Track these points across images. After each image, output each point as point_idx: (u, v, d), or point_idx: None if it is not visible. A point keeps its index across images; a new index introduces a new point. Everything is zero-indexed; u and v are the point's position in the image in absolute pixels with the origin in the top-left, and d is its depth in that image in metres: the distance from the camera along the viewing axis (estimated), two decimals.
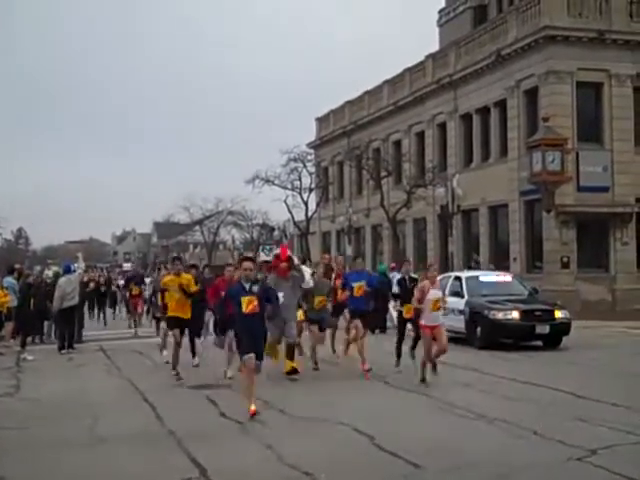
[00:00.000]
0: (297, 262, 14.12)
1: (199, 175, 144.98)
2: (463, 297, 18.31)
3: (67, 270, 19.43)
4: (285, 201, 47.85)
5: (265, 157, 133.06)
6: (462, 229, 35.90)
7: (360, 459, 7.54)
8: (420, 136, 40.78)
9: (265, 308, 9.86)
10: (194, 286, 13.29)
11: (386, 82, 44.13)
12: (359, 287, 13.41)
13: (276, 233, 65.91)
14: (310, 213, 47.68)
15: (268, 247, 68.02)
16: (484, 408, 9.91)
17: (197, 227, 67.36)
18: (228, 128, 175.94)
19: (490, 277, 20.19)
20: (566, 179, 28.93)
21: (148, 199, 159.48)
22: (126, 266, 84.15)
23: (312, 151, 51.66)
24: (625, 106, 30.60)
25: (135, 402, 11.14)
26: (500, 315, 17.09)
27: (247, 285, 9.75)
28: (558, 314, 17.51)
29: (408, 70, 41.76)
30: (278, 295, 10.62)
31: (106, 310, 30.43)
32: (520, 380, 12.27)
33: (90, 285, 30.96)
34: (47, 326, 21.18)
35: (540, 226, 30.82)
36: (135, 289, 24.19)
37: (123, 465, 7.54)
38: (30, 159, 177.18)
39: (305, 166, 47.11)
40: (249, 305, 9.58)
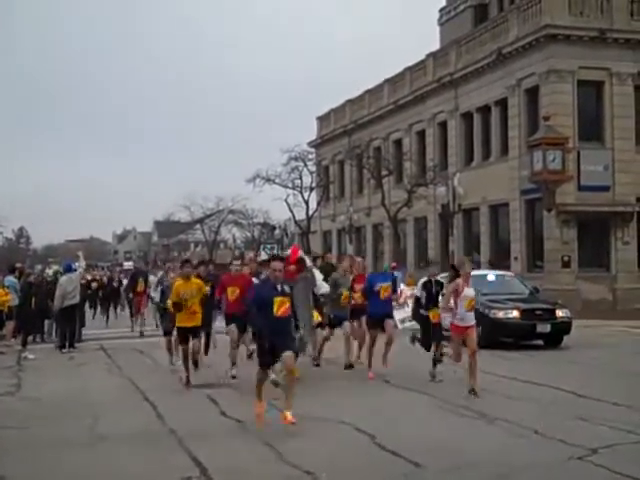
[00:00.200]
0: (310, 264, 13.54)
1: (200, 174, 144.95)
2: None
3: (68, 269, 19.44)
4: (286, 200, 47.92)
5: (266, 156, 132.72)
6: (463, 228, 35.91)
7: (361, 458, 7.54)
8: (421, 135, 40.78)
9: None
10: (204, 288, 12.51)
11: (387, 81, 44.12)
12: (385, 289, 12.81)
13: (277, 232, 65.91)
14: (311, 212, 47.67)
15: (269, 246, 68.09)
16: (485, 407, 9.91)
17: (198, 226, 67.26)
18: (229, 127, 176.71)
19: (491, 276, 20.17)
20: (567, 178, 28.95)
21: (149, 198, 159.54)
22: (127, 265, 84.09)
23: (313, 150, 51.70)
24: (626, 105, 30.62)
25: (136, 401, 11.14)
26: (501, 314, 17.08)
27: (279, 285, 9.14)
28: (559, 313, 17.50)
29: (409, 69, 41.76)
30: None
31: (109, 310, 29.70)
32: (521, 379, 12.27)
33: (92, 285, 31.00)
34: (48, 325, 21.17)
35: (541, 225, 30.83)
36: (140, 285, 23.23)
37: (124, 464, 7.55)
38: (30, 158, 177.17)
39: (306, 165, 47.15)
40: (281, 307, 8.95)
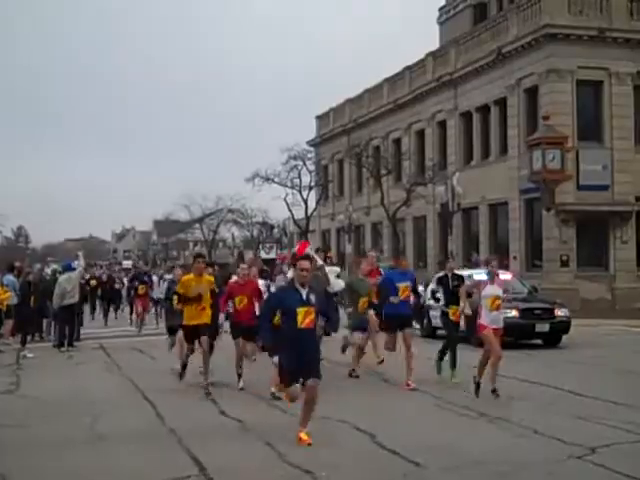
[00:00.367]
0: (320, 262, 12.57)
1: (199, 173, 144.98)
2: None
3: (67, 268, 19.45)
4: (285, 199, 47.96)
5: (265, 155, 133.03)
6: (462, 227, 35.92)
7: (361, 457, 7.54)
8: (420, 134, 40.79)
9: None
10: (214, 286, 11.71)
11: (386, 80, 44.12)
12: (404, 288, 12.04)
13: (276, 231, 65.91)
14: (310, 211, 47.67)
15: (268, 245, 67.84)
16: (484, 407, 9.92)
17: (197, 225, 67.20)
18: (228, 127, 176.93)
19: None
20: (566, 177, 28.96)
21: (148, 197, 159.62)
22: (126, 263, 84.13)
23: (312, 149, 51.71)
24: (625, 104, 30.64)
25: (135, 400, 11.14)
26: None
27: (304, 292, 7.80)
28: (558, 312, 17.49)
29: (408, 68, 41.77)
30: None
31: (109, 310, 29.03)
32: (520, 378, 12.28)
33: (92, 282, 30.86)
34: (46, 324, 21.17)
35: (540, 224, 30.84)
36: (141, 288, 23.01)
37: (123, 463, 7.55)
38: (29, 157, 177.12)
39: (305, 164, 47.18)
40: (307, 318, 7.69)
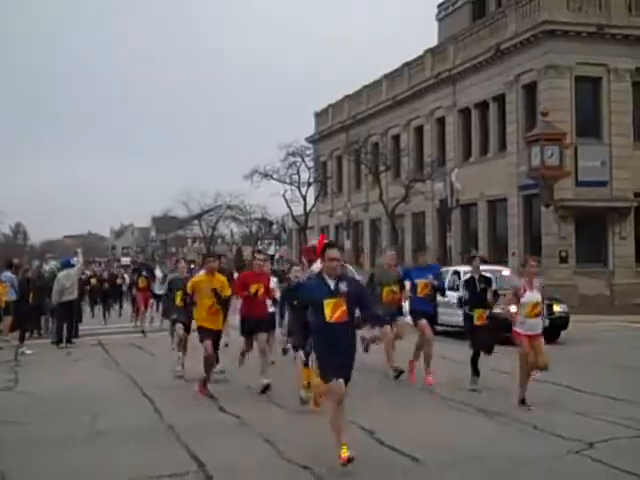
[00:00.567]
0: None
1: (198, 170, 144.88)
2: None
3: (66, 264, 19.43)
4: (284, 195, 47.97)
5: (264, 152, 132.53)
6: (461, 224, 35.92)
7: (360, 454, 7.54)
8: (419, 130, 40.77)
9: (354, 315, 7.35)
10: (228, 289, 11.27)
11: (385, 76, 44.07)
12: (424, 285, 11.96)
13: (275, 227, 65.92)
14: (309, 207, 47.66)
15: (267, 241, 67.61)
16: (483, 403, 9.92)
17: (196, 221, 67.19)
18: (227, 123, 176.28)
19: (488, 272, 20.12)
20: (565, 173, 28.96)
21: (146, 194, 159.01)
22: (124, 260, 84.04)
23: (311, 145, 51.69)
24: (624, 101, 30.63)
25: (134, 397, 11.14)
26: (498, 309, 17.06)
27: (332, 283, 7.25)
28: (556, 308, 17.49)
29: (407, 65, 41.72)
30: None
31: (110, 308, 28.35)
32: (511, 374, 12.26)
33: (92, 281, 30.78)
34: (44, 321, 21.15)
35: (539, 221, 30.85)
36: (142, 281, 21.98)
37: (122, 460, 7.54)
38: (29, 157, 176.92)
39: (304, 160, 47.18)
40: (336, 310, 7.11)
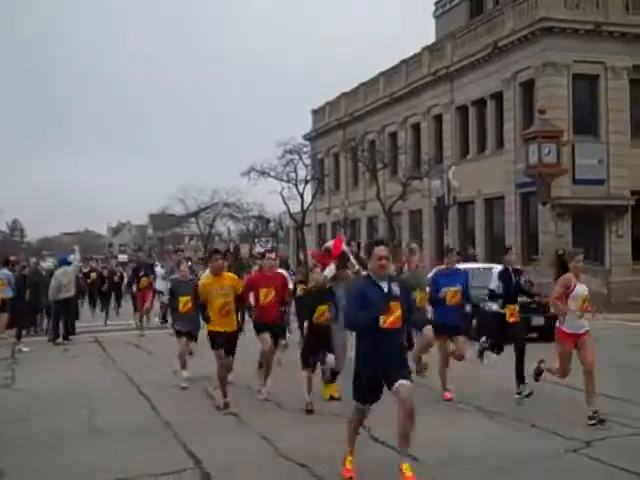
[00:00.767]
0: (353, 261, 10.94)
1: (195, 167, 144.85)
2: None
3: (63, 262, 19.40)
4: (281, 193, 47.88)
5: (261, 149, 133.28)
6: (458, 221, 35.93)
7: (358, 451, 7.53)
8: (416, 128, 40.74)
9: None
10: (240, 285, 10.30)
11: (382, 74, 44.02)
12: (454, 293, 10.48)
13: (272, 225, 65.87)
14: (306, 205, 47.63)
15: (264, 239, 67.47)
16: (482, 401, 9.92)
17: (193, 219, 67.11)
18: (224, 121, 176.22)
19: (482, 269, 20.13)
20: (562, 171, 28.97)
21: (146, 193, 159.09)
22: (122, 257, 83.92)
23: (308, 143, 51.63)
24: (621, 98, 30.63)
25: (131, 394, 11.13)
26: (495, 307, 17.06)
27: (384, 284, 6.49)
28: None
29: (404, 62, 41.68)
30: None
31: (109, 306, 26.91)
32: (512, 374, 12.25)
33: (91, 275, 30.65)
34: (39, 318, 21.11)
35: (536, 218, 30.85)
36: (144, 280, 20.84)
37: (120, 457, 7.54)
38: (29, 157, 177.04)
39: (301, 158, 47.05)
40: (390, 315, 6.41)
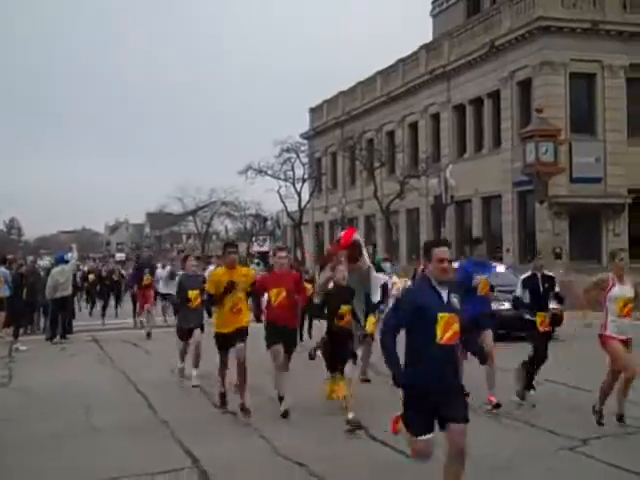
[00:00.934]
0: (366, 257, 10.55)
1: (193, 166, 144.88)
2: None
3: (60, 260, 19.38)
4: (278, 192, 47.88)
5: (259, 148, 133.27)
6: (455, 220, 35.94)
7: (356, 450, 7.56)
8: (413, 127, 40.76)
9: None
10: (251, 278, 9.62)
11: (379, 73, 44.05)
12: (485, 283, 10.25)
13: (269, 223, 65.86)
14: (303, 204, 47.63)
15: (262, 237, 67.38)
16: (478, 400, 9.92)
17: (190, 217, 67.08)
18: (222, 120, 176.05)
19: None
20: (559, 170, 29.00)
21: (146, 193, 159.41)
22: (119, 256, 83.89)
23: (305, 142, 51.61)
24: (618, 97, 30.67)
25: (128, 393, 11.13)
26: (493, 306, 17.09)
27: (444, 292, 5.47)
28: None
29: (401, 61, 41.71)
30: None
31: (108, 306, 26.22)
32: (513, 371, 12.28)
33: (90, 277, 30.50)
34: (36, 317, 21.08)
35: (533, 217, 30.90)
36: (146, 278, 20.19)
37: (116, 456, 7.55)
38: (29, 157, 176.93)
39: (298, 157, 47.09)
40: (448, 329, 5.40)
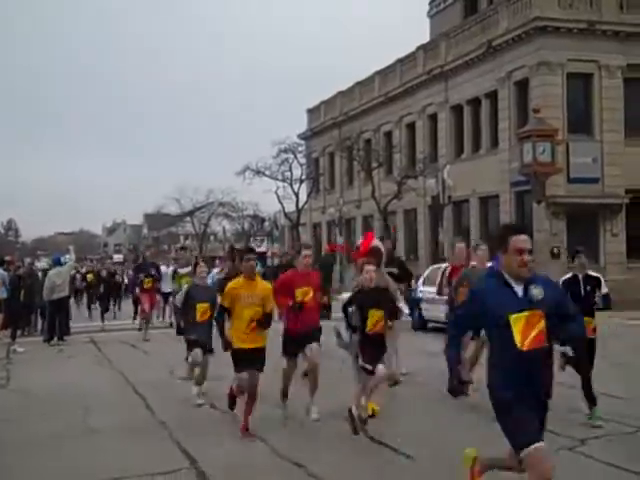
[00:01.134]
0: (383, 271, 9.91)
1: (190, 167, 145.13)
2: None
3: (57, 262, 19.36)
4: (276, 192, 47.90)
5: (256, 149, 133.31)
6: (453, 220, 35.95)
7: (354, 450, 7.55)
8: (411, 127, 40.76)
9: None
10: (271, 301, 8.60)
11: (377, 73, 44.03)
12: None
13: (267, 224, 65.82)
14: (301, 204, 47.63)
15: (259, 238, 67.40)
16: (476, 399, 9.92)
17: (188, 218, 67.06)
18: (219, 120, 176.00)
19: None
20: (556, 170, 29.02)
21: (146, 194, 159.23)
22: (117, 257, 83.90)
23: (303, 142, 51.59)
24: (615, 97, 30.68)
25: (126, 394, 11.11)
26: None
27: (519, 288, 4.80)
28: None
29: (399, 61, 41.70)
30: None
31: (108, 308, 25.92)
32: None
33: (88, 277, 30.45)
34: (33, 318, 21.07)
35: (530, 217, 30.88)
36: (148, 281, 19.55)
37: (115, 457, 7.53)
38: (29, 157, 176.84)
39: (296, 157, 47.13)
40: (530, 331, 4.61)
